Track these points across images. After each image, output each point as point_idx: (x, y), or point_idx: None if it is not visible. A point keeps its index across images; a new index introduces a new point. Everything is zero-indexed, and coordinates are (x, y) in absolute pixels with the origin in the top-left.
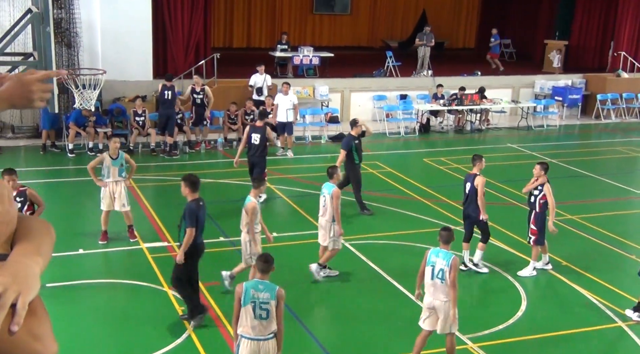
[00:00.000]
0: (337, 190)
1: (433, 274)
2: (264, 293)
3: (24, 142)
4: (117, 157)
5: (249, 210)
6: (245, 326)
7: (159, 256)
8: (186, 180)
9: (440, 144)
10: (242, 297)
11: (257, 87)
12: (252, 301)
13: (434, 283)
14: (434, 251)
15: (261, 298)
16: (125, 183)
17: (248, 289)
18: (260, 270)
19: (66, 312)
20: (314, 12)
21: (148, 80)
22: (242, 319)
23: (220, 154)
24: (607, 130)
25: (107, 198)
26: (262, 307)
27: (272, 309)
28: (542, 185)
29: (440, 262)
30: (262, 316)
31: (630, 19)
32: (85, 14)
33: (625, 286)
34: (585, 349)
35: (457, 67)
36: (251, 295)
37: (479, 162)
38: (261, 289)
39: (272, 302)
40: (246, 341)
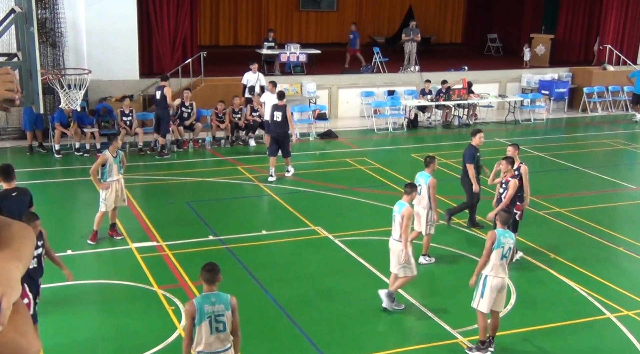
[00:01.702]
0: (433, 180)
1: (502, 254)
2: (218, 305)
3: (10, 143)
4: (117, 155)
5: (406, 216)
6: (203, 344)
7: (148, 256)
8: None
9: (429, 139)
10: (197, 315)
11: (250, 85)
12: (207, 317)
13: (502, 263)
14: (500, 232)
15: (216, 311)
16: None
17: (201, 306)
18: (205, 281)
19: (56, 313)
20: (300, 9)
21: (134, 79)
22: (197, 338)
23: (208, 153)
24: (593, 123)
25: (112, 197)
26: (218, 320)
27: (227, 320)
28: (508, 182)
29: (509, 241)
30: (219, 328)
31: (615, 12)
32: (69, 14)
33: (613, 278)
34: (574, 341)
35: (444, 62)
36: (205, 311)
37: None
38: (214, 302)
39: (227, 313)
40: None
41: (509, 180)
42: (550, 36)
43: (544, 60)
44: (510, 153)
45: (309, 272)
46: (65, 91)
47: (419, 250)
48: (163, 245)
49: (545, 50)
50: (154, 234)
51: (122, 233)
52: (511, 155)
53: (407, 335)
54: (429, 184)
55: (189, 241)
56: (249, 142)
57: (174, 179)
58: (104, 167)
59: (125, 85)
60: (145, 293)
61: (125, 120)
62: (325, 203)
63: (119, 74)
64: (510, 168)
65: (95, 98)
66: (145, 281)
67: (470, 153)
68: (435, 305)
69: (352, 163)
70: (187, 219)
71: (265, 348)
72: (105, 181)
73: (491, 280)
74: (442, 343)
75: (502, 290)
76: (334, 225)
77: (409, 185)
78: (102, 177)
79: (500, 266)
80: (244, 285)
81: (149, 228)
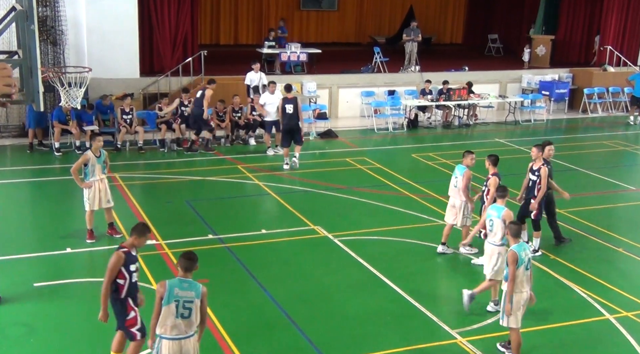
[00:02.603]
0: (468, 172)
1: (525, 268)
2: (189, 291)
3: (10, 141)
4: (100, 155)
5: (508, 220)
6: (165, 326)
7: (147, 255)
8: None
9: (429, 139)
10: (166, 296)
11: (254, 85)
12: (175, 300)
13: (526, 277)
14: (518, 249)
15: (185, 297)
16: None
17: (172, 287)
18: (183, 268)
19: (54, 311)
20: (301, 9)
21: (135, 77)
22: (161, 319)
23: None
24: (593, 124)
25: (94, 196)
26: (185, 306)
27: (195, 308)
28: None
29: (527, 253)
30: (185, 315)
31: (615, 14)
32: (70, 12)
33: (613, 279)
34: (573, 342)
35: (444, 62)
36: (175, 294)
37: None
38: (185, 287)
39: (196, 301)
40: (166, 342)
41: (489, 178)
42: (551, 37)
43: (544, 60)
44: (534, 154)
45: (308, 271)
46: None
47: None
48: (162, 243)
49: (546, 51)
50: (153, 232)
51: (122, 231)
52: (535, 155)
53: (406, 335)
54: (463, 176)
55: (189, 240)
56: (249, 141)
57: (173, 178)
58: (86, 166)
59: (125, 84)
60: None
61: (126, 118)
62: (325, 203)
63: (119, 72)
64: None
65: (95, 96)
66: (144, 279)
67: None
68: (434, 305)
69: (352, 163)
70: (187, 218)
71: (264, 347)
72: (88, 180)
73: (517, 297)
74: (441, 343)
75: (526, 304)
76: (334, 225)
77: (502, 188)
78: (84, 177)
79: (525, 280)
80: (243, 284)
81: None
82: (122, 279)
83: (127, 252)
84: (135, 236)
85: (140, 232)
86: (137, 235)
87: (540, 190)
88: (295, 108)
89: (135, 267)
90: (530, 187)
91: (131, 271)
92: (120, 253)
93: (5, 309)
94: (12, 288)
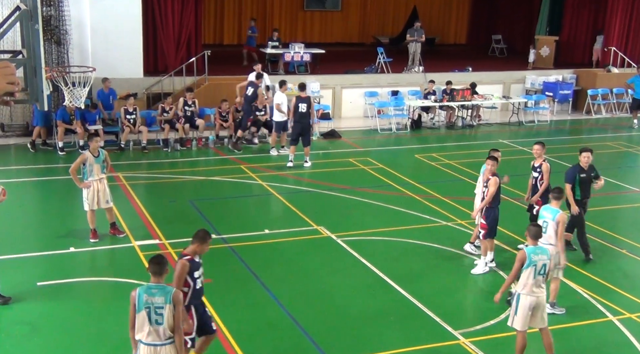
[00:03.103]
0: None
1: (536, 272)
2: (158, 297)
3: (14, 140)
4: (99, 155)
5: (562, 222)
6: (142, 332)
7: (151, 254)
8: None
9: (432, 140)
10: (137, 303)
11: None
12: (146, 307)
13: (536, 281)
14: (530, 251)
15: (156, 303)
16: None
17: (141, 294)
18: (152, 273)
19: (58, 310)
20: (304, 9)
21: (138, 77)
22: (138, 325)
23: (211, 151)
24: (597, 125)
25: (93, 196)
26: (157, 312)
27: (167, 313)
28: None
29: (542, 258)
30: (158, 321)
31: (620, 14)
32: (74, 11)
33: (616, 280)
34: (576, 343)
35: (448, 62)
36: (144, 301)
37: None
38: (154, 293)
39: (167, 306)
40: (144, 347)
41: (490, 178)
42: (555, 38)
43: (548, 61)
44: (537, 151)
45: (311, 271)
46: (70, 88)
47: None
48: (165, 243)
49: (550, 52)
50: (156, 232)
51: (125, 230)
52: (538, 153)
53: (409, 336)
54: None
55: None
56: (253, 141)
57: (177, 177)
58: (84, 166)
59: (129, 83)
60: None
61: (129, 118)
62: (328, 203)
63: (123, 72)
64: (492, 167)
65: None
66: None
67: (572, 173)
68: (436, 306)
69: (355, 163)
70: (190, 217)
71: (267, 347)
72: (87, 180)
73: (524, 299)
74: (443, 344)
75: (537, 308)
76: (337, 225)
77: (558, 189)
78: (83, 177)
79: (534, 284)
80: (246, 284)
81: (152, 226)
82: (187, 287)
83: (191, 259)
84: (197, 243)
85: (202, 239)
86: (199, 242)
87: (543, 185)
88: (309, 107)
89: (199, 273)
90: (535, 184)
91: (195, 278)
92: (185, 262)
93: (8, 308)
94: (15, 287)
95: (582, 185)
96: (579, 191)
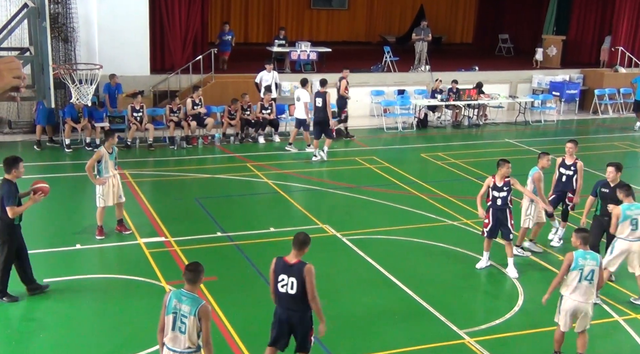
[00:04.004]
0: (538, 173)
1: (582, 276)
2: (186, 305)
3: (21, 137)
4: (112, 151)
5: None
6: (167, 336)
7: (156, 251)
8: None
9: (438, 139)
10: (167, 306)
11: (267, 84)
12: (173, 312)
13: (581, 285)
14: (579, 254)
15: (182, 310)
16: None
17: (172, 298)
18: (186, 280)
19: (64, 307)
20: (311, 7)
21: (145, 75)
22: (166, 328)
23: (217, 149)
24: (604, 125)
25: (108, 192)
26: (182, 320)
27: (190, 325)
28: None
29: (590, 263)
30: (181, 329)
31: (627, 14)
32: (82, 9)
33: (622, 280)
34: None
35: (454, 62)
36: (173, 305)
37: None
38: (184, 300)
39: (191, 317)
40: (167, 351)
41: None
42: (562, 37)
43: (555, 61)
44: (571, 149)
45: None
46: (77, 86)
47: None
48: (171, 240)
49: (557, 52)
50: (162, 229)
51: (131, 228)
52: (571, 151)
53: (414, 335)
54: (533, 177)
55: (197, 238)
56: (258, 139)
57: (183, 175)
58: (99, 163)
59: (136, 81)
60: (153, 289)
61: (136, 116)
62: (334, 202)
63: (130, 70)
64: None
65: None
66: (153, 276)
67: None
68: (442, 305)
69: (361, 162)
70: (196, 215)
71: None
72: (102, 177)
73: (565, 301)
74: (448, 343)
75: (577, 314)
76: (342, 224)
77: (627, 186)
78: (98, 173)
79: (579, 289)
80: (251, 282)
81: (158, 223)
82: None
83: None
84: (303, 249)
85: (304, 244)
86: (303, 247)
87: (579, 183)
88: (324, 102)
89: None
90: (564, 182)
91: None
92: (311, 266)
93: (16, 304)
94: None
95: (605, 200)
96: (599, 206)
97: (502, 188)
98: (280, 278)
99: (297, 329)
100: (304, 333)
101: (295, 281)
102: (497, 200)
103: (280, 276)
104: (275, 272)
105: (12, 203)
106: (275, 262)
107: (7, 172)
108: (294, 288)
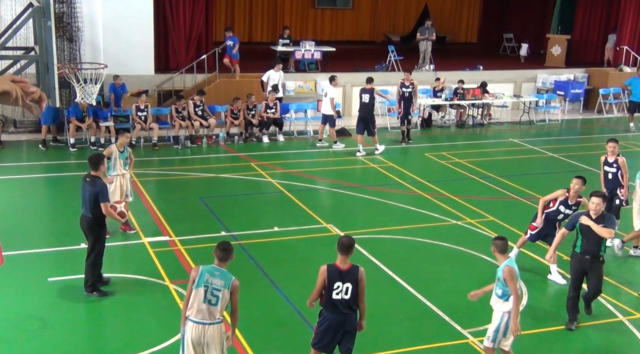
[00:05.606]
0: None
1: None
2: (219, 279)
3: (26, 136)
4: (124, 151)
5: None
6: (192, 309)
7: (161, 251)
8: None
9: (442, 139)
10: (197, 279)
11: (274, 84)
12: (205, 285)
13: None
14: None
15: (215, 284)
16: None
17: (204, 272)
18: (218, 258)
19: (68, 305)
20: (315, 7)
21: (150, 74)
22: (191, 301)
23: (221, 148)
24: (609, 124)
25: (117, 191)
26: (213, 293)
27: (222, 297)
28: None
29: None
30: (212, 301)
31: (632, 13)
32: (86, 8)
33: (626, 280)
34: (585, 343)
35: (459, 61)
36: (205, 279)
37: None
38: (217, 275)
39: (224, 290)
40: (191, 324)
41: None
42: (567, 36)
43: (560, 60)
44: (613, 148)
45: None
46: (81, 85)
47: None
48: (175, 239)
49: (562, 51)
50: (166, 229)
51: (135, 227)
52: (613, 150)
53: (418, 334)
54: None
55: (201, 237)
56: (263, 139)
57: (187, 174)
58: (108, 160)
59: (140, 80)
60: (157, 288)
61: (140, 115)
62: (338, 201)
63: (134, 69)
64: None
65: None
66: (157, 275)
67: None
68: (445, 305)
69: (365, 161)
70: (200, 214)
71: (276, 345)
72: (110, 175)
73: None
74: (452, 343)
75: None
76: (346, 223)
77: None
78: (106, 171)
79: None
80: (255, 281)
81: (162, 222)
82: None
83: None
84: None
85: (350, 247)
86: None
87: (625, 178)
88: (372, 98)
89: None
90: (611, 179)
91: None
92: (363, 269)
93: (20, 303)
94: (26, 283)
95: (585, 235)
96: (579, 242)
97: (572, 206)
98: (335, 286)
99: (349, 332)
100: (354, 334)
101: (350, 287)
102: (560, 215)
103: (336, 284)
104: (329, 280)
105: (107, 200)
106: (327, 270)
107: (95, 169)
108: (349, 293)
